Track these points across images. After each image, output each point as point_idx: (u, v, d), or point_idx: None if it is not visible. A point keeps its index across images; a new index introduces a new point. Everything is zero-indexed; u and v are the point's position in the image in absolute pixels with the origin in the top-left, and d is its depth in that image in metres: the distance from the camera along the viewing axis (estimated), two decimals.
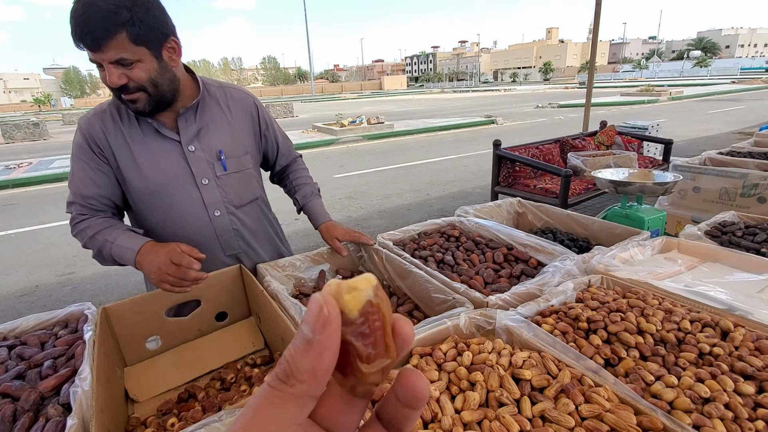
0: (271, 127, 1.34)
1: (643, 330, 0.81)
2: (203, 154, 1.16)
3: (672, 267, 1.13)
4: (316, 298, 0.18)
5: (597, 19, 4.84)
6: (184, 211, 1.16)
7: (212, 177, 1.18)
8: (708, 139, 8.78)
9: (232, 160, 1.20)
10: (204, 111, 1.17)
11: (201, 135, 1.16)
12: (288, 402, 0.18)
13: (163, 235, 1.19)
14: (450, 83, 78.80)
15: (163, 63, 1.03)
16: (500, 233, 1.37)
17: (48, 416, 0.73)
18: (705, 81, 34.37)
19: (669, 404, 0.66)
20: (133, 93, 1.00)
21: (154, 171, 1.12)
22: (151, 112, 1.06)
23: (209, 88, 1.20)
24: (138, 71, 0.98)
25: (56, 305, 3.24)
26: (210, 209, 1.19)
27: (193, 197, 1.16)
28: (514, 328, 0.82)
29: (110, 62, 0.95)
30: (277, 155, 1.39)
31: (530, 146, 4.17)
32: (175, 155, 1.13)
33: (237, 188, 1.23)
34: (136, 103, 1.02)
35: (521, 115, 15.61)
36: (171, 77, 1.06)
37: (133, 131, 1.11)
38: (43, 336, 0.97)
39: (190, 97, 1.14)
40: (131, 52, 0.96)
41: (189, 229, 1.18)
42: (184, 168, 1.14)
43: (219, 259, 1.25)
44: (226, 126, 1.20)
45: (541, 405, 0.65)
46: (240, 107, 1.24)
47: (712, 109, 14.63)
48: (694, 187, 2.18)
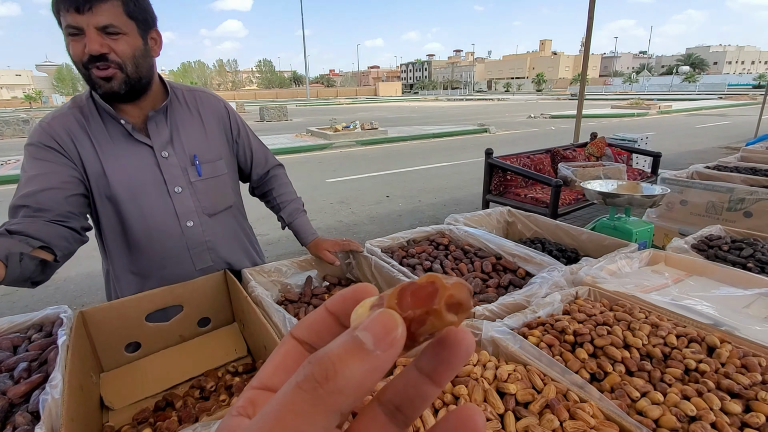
0: (243, 133, 1.28)
1: (630, 344, 0.80)
2: (177, 160, 1.10)
3: (659, 280, 1.13)
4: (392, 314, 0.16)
5: (589, 32, 4.92)
6: (154, 221, 1.09)
7: (186, 184, 1.12)
8: (695, 153, 8.93)
9: (206, 165, 1.15)
10: (174, 115, 1.11)
11: (174, 139, 1.10)
12: (320, 411, 0.15)
13: (132, 247, 1.12)
14: (444, 91, 79.43)
15: (147, 47, 0.98)
16: (489, 242, 1.37)
17: (15, 424, 0.70)
18: (693, 96, 35.07)
19: (654, 422, 0.65)
20: (109, 68, 0.92)
21: (122, 178, 1.03)
22: (121, 97, 0.98)
23: (177, 92, 1.14)
24: (123, 44, 0.92)
25: (38, 306, 3.16)
26: (182, 219, 1.12)
27: (165, 206, 1.10)
28: (500, 340, 0.81)
29: (96, 27, 0.88)
30: (252, 163, 1.32)
31: (522, 155, 4.19)
32: (147, 161, 1.06)
33: (211, 195, 1.17)
34: (110, 81, 0.93)
35: (514, 124, 15.77)
36: (150, 64, 1.01)
37: (99, 135, 1.02)
38: (16, 339, 0.94)
39: (158, 100, 1.08)
40: (121, 24, 0.90)
41: (159, 241, 1.12)
42: (156, 175, 1.07)
43: (190, 272, 1.19)
44: (198, 130, 1.15)
45: (525, 420, 0.63)
46: (210, 111, 1.19)
47: (699, 124, 14.91)
48: (681, 200, 2.20)
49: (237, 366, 1.01)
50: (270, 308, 0.99)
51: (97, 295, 3.32)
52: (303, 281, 1.31)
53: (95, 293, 3.36)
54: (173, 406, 0.89)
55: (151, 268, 1.16)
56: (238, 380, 0.94)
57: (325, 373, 0.15)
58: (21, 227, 0.89)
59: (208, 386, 0.94)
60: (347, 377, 0.15)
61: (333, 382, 0.15)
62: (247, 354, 1.10)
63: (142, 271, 1.16)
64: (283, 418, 0.14)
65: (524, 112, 21.55)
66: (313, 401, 0.15)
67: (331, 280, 1.35)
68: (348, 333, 0.16)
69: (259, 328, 0.95)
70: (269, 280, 1.25)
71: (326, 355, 0.15)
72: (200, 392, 0.94)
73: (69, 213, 0.98)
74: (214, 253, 1.23)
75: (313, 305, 1.19)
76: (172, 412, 0.87)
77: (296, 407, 0.15)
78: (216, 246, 1.23)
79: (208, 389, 0.94)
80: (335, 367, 0.15)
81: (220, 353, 1.09)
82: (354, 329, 0.16)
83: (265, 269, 1.26)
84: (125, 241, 1.12)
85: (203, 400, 0.92)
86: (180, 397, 0.91)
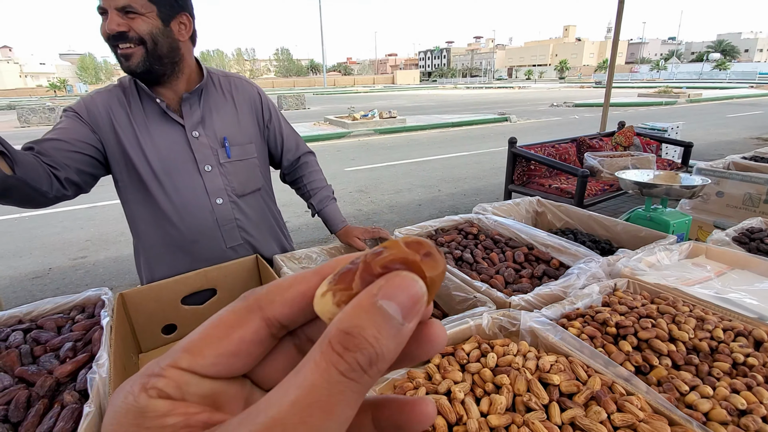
0: (275, 118, 1.31)
1: (675, 338, 0.78)
2: (207, 140, 1.14)
3: (701, 273, 1.09)
4: (413, 280, 0.15)
5: (619, 17, 4.74)
6: (186, 197, 1.14)
7: (215, 164, 1.16)
8: (726, 143, 8.59)
9: (236, 147, 1.19)
10: (208, 97, 1.16)
11: (205, 121, 1.15)
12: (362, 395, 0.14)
13: (163, 222, 1.16)
14: (463, 79, 78.17)
15: (168, 29, 1.02)
16: (520, 232, 1.34)
17: (64, 403, 0.72)
18: (724, 84, 33.67)
19: (704, 415, 0.63)
20: (129, 46, 0.98)
21: (157, 155, 1.10)
22: (143, 74, 1.02)
23: (213, 77, 1.19)
24: (140, 23, 0.98)
25: (69, 289, 3.28)
26: (212, 197, 1.17)
27: (196, 183, 1.14)
28: (540, 331, 0.80)
29: (116, 8, 0.95)
30: (283, 149, 1.35)
31: (546, 145, 4.11)
32: (179, 140, 1.12)
33: (240, 177, 1.21)
34: (130, 59, 0.99)
35: (535, 113, 15.43)
36: (172, 44, 1.04)
37: (137, 113, 1.09)
38: (59, 320, 0.97)
39: (193, 82, 1.14)
40: (140, 5, 0.96)
41: (191, 217, 1.16)
42: (188, 153, 1.13)
43: (221, 250, 1.22)
44: (230, 114, 1.19)
45: (570, 412, 0.62)
46: (244, 96, 1.23)
47: (730, 113, 14.32)
48: (717, 191, 2.12)
49: None
50: None
51: (125, 279, 3.42)
52: None
53: (123, 277, 3.46)
54: None
55: (183, 242, 1.18)
56: None
57: (371, 358, 0.14)
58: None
59: None
60: (386, 357, 0.14)
61: (375, 366, 0.14)
62: None
63: (175, 244, 1.19)
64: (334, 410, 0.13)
65: (546, 100, 21.07)
66: (360, 388, 0.14)
67: None
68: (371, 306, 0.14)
69: None
70: (300, 267, 1.26)
71: (364, 339, 0.14)
72: None
73: (63, 164, 0.99)
74: (243, 232, 1.25)
75: None
76: None
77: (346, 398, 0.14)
78: (245, 225, 1.25)
79: None
80: (379, 350, 0.14)
81: None
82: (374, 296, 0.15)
83: (296, 256, 1.27)
84: (157, 216, 1.15)
85: None
86: None
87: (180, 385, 0.16)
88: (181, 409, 0.15)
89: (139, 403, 0.15)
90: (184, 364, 0.16)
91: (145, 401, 0.15)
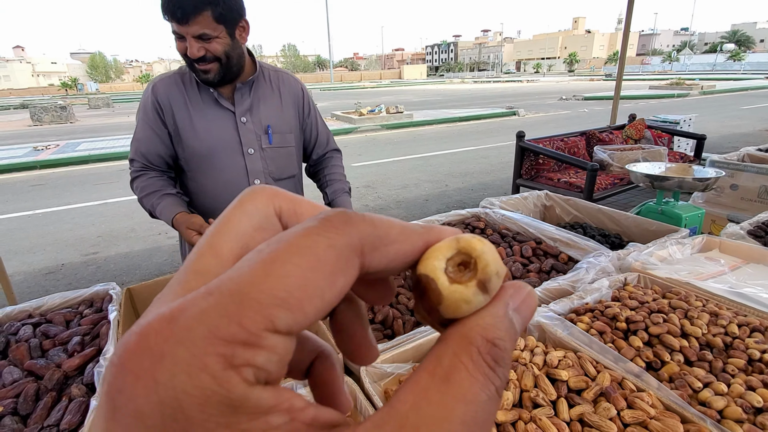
0: (313, 114, 1.41)
1: (688, 333, 0.76)
2: (253, 126, 1.26)
3: (714, 267, 1.06)
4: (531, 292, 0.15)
5: (630, 8, 4.65)
6: (229, 175, 1.26)
7: (258, 148, 1.28)
8: (741, 135, 8.41)
9: (277, 135, 1.30)
10: (258, 89, 1.27)
11: (253, 109, 1.27)
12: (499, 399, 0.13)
13: (207, 197, 1.28)
14: (471, 73, 77.56)
15: (235, 41, 1.15)
16: (528, 226, 1.32)
17: (71, 396, 0.73)
18: (738, 75, 32.97)
19: (719, 413, 0.62)
20: (208, 63, 1.12)
21: (208, 135, 1.22)
22: (219, 82, 1.17)
23: (264, 70, 1.31)
24: (216, 45, 1.10)
25: (81, 284, 3.32)
26: (251, 177, 1.28)
27: (239, 164, 1.26)
28: (548, 326, 0.78)
29: (193, 36, 1.07)
30: (315, 143, 1.44)
31: (555, 138, 4.05)
32: (228, 124, 1.24)
33: (278, 162, 1.32)
34: (208, 73, 1.14)
35: (544, 106, 15.25)
36: (240, 53, 1.18)
37: (193, 98, 1.22)
38: (68, 314, 0.98)
39: (247, 75, 1.26)
40: (212, 29, 1.08)
41: (231, 194, 1.24)
42: (234, 136, 1.24)
43: None
44: (275, 105, 1.31)
45: (579, 408, 0.61)
46: (289, 90, 1.34)
47: (745, 105, 14.02)
48: (731, 184, 2.08)
49: None
50: None
51: (136, 275, 3.46)
52: None
53: (133, 273, 3.50)
54: None
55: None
56: None
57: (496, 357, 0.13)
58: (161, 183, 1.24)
59: None
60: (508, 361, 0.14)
61: (500, 367, 0.13)
62: None
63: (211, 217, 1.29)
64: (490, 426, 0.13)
65: (555, 93, 20.82)
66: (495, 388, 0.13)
67: None
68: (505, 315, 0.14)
69: None
70: None
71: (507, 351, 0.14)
72: None
73: (167, 166, 1.29)
74: None
75: None
76: None
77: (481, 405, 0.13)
78: None
79: None
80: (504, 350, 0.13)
81: None
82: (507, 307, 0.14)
83: None
84: (203, 190, 1.29)
85: None
86: None
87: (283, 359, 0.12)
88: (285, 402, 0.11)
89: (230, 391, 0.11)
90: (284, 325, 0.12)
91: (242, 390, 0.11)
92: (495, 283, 0.15)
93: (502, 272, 0.15)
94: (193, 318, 0.11)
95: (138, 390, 0.10)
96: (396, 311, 0.96)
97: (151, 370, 0.10)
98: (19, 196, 5.82)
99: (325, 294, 0.12)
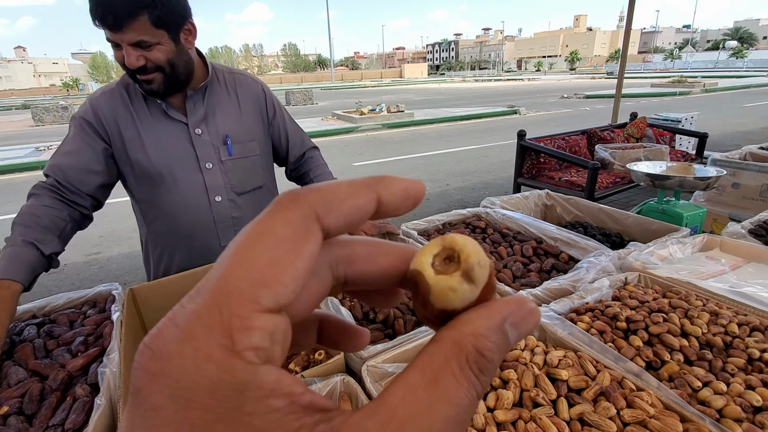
0: (279, 115, 1.30)
1: (688, 332, 0.76)
2: (209, 137, 1.15)
3: (715, 266, 1.07)
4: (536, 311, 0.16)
5: (632, 5, 4.64)
6: (186, 195, 1.15)
7: (216, 161, 1.16)
8: (743, 133, 8.39)
9: (237, 145, 1.19)
10: (212, 95, 1.16)
11: (208, 118, 1.15)
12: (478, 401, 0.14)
13: (163, 220, 1.17)
14: (472, 72, 77.42)
15: (180, 46, 1.03)
16: (529, 226, 1.33)
17: (76, 396, 0.74)
18: (741, 73, 32.86)
19: (718, 412, 0.62)
20: (149, 74, 1.00)
21: (159, 152, 1.11)
22: (164, 93, 1.06)
23: (218, 73, 1.19)
24: (157, 53, 0.98)
25: (83, 284, 3.34)
26: (211, 194, 1.17)
27: (196, 181, 1.15)
28: (548, 326, 0.79)
29: (129, 44, 0.95)
30: (288, 146, 1.34)
31: (556, 137, 4.05)
32: (182, 137, 1.13)
33: (240, 174, 1.21)
34: (151, 83, 1.02)
35: (545, 105, 15.23)
36: (187, 59, 1.06)
37: (141, 112, 1.10)
38: (71, 315, 0.98)
39: (198, 80, 1.14)
40: (151, 35, 0.96)
41: (188, 214, 1.16)
42: (189, 151, 1.13)
43: (214, 248, 1.21)
44: (233, 111, 1.19)
45: (579, 407, 0.61)
46: (248, 93, 1.23)
47: (747, 103, 13.97)
48: (733, 183, 2.07)
49: None
50: None
51: (138, 275, 3.47)
52: None
53: (136, 272, 3.51)
54: None
55: (180, 239, 1.19)
56: None
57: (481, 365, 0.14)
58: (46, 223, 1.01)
59: None
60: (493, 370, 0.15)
61: (485, 374, 0.14)
62: None
63: (173, 241, 1.21)
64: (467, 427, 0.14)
65: (556, 91, 20.78)
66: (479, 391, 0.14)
67: None
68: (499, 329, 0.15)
69: None
70: None
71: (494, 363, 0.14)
72: None
73: (87, 195, 1.10)
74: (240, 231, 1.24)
75: None
76: None
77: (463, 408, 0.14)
78: (243, 224, 1.23)
79: None
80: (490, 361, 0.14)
81: None
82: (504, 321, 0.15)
83: None
84: (159, 212, 1.18)
85: None
86: None
87: (273, 338, 0.13)
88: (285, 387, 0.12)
89: (235, 375, 0.11)
90: (269, 302, 0.13)
91: (245, 374, 0.12)
92: (478, 272, 0.15)
93: (485, 263, 0.15)
94: (191, 317, 0.12)
95: (153, 387, 0.12)
96: (397, 311, 0.97)
97: (164, 368, 0.12)
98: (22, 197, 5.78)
99: (296, 263, 0.13)
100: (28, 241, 0.95)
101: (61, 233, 1.04)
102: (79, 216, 1.10)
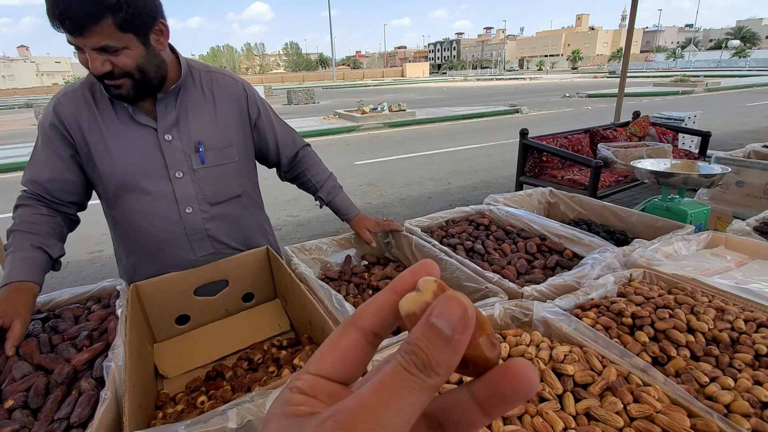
0: (264, 115, 1.20)
1: (694, 328, 0.76)
2: (180, 144, 1.05)
3: (720, 263, 1.06)
4: (458, 299, 0.18)
5: (634, 4, 4.62)
6: (154, 205, 1.07)
7: (187, 170, 1.07)
8: (747, 132, 8.36)
9: (211, 152, 1.09)
10: (185, 97, 1.06)
11: (180, 123, 1.06)
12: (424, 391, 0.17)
13: (131, 230, 1.12)
14: (474, 71, 77.27)
15: (150, 48, 0.94)
16: (533, 223, 1.32)
17: (81, 390, 0.74)
18: (743, 72, 32.75)
19: (726, 407, 0.62)
20: (117, 79, 0.92)
21: (125, 159, 1.02)
22: (134, 98, 0.98)
23: (194, 72, 1.09)
24: (124, 58, 0.90)
25: (86, 281, 3.34)
26: (181, 205, 1.08)
27: (165, 191, 1.06)
28: (553, 321, 0.79)
29: (93, 48, 0.86)
30: (278, 147, 1.26)
31: (558, 136, 4.04)
32: (150, 144, 1.03)
33: (214, 184, 1.12)
34: (120, 89, 0.94)
35: (547, 104, 15.20)
36: (158, 63, 0.97)
37: (107, 115, 1.01)
38: (76, 310, 0.98)
39: (171, 81, 1.04)
40: (117, 40, 0.87)
41: (157, 224, 1.09)
42: (158, 158, 1.04)
43: (189, 260, 1.14)
44: (209, 114, 1.09)
45: (585, 402, 0.61)
46: (226, 94, 1.12)
47: (750, 102, 13.92)
48: (737, 181, 2.07)
49: (282, 340, 1.03)
50: (314, 285, 1.00)
51: None
52: (342, 260, 1.31)
53: None
54: (223, 376, 0.92)
55: (151, 249, 1.14)
56: (285, 353, 0.96)
57: (424, 362, 0.17)
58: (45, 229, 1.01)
59: (256, 358, 0.97)
60: (440, 364, 0.17)
61: (431, 369, 0.17)
62: (290, 329, 1.12)
63: (141, 251, 1.15)
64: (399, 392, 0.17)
65: (558, 90, 20.73)
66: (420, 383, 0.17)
67: (369, 259, 1.35)
68: (425, 323, 0.18)
69: (304, 304, 0.96)
70: (310, 258, 1.26)
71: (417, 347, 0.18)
72: (248, 364, 0.96)
73: (69, 203, 1.08)
74: (215, 242, 1.17)
75: (353, 283, 1.19)
76: (224, 382, 0.89)
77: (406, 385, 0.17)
78: (217, 235, 1.17)
79: (256, 361, 0.96)
80: (430, 357, 0.17)
81: (264, 327, 1.11)
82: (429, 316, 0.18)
83: (306, 247, 1.27)
84: (127, 222, 1.12)
85: (252, 371, 0.94)
86: (229, 368, 0.94)
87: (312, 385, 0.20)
88: (311, 402, 0.20)
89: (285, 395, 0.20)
90: (313, 369, 0.21)
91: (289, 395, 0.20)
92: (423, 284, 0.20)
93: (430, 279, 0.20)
94: None
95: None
96: None
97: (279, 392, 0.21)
98: None
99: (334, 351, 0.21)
100: (36, 245, 0.96)
101: (60, 237, 1.05)
102: (68, 221, 1.10)
